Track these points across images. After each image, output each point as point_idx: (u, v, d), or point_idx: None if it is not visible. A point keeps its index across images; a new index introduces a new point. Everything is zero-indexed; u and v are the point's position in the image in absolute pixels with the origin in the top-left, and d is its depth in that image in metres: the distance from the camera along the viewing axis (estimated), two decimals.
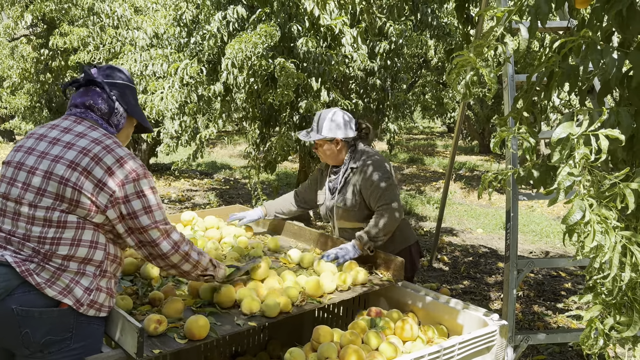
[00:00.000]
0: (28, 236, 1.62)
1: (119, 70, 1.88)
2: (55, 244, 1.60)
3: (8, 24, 8.54)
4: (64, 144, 1.68)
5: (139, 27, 6.36)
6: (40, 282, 1.57)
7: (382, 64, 5.31)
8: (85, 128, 1.73)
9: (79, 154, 1.65)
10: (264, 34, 4.11)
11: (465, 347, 1.91)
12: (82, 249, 1.63)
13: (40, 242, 1.61)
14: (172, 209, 7.55)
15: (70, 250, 1.61)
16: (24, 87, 10.06)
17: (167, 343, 1.70)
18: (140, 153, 10.15)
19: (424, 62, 9.56)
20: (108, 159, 1.65)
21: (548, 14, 1.59)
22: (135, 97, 1.90)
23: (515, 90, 2.72)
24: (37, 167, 1.65)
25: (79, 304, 1.61)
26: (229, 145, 15.60)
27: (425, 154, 14.23)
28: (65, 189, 1.61)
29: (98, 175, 1.63)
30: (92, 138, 1.69)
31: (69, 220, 1.62)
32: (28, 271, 1.57)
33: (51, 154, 1.66)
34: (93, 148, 1.66)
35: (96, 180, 1.63)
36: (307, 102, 4.52)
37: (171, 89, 4.87)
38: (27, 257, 1.60)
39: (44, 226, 1.61)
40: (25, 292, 1.56)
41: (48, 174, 1.63)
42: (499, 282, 4.88)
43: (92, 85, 1.80)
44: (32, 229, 1.62)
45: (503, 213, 7.37)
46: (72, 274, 1.62)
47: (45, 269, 1.59)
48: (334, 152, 2.68)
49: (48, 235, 1.61)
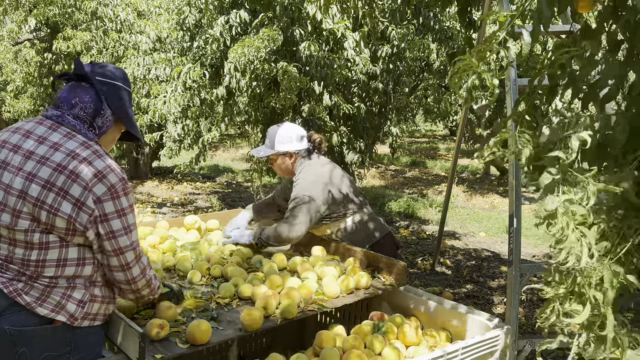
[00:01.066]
0: (11, 257, 1.51)
1: (117, 70, 1.73)
2: (40, 267, 1.50)
3: (12, 28, 8.58)
4: (37, 158, 1.52)
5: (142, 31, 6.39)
6: (30, 301, 1.49)
7: (385, 67, 5.33)
8: (61, 137, 1.56)
9: (53, 172, 1.49)
10: (266, 38, 4.12)
11: (469, 351, 1.90)
12: (69, 269, 1.53)
13: (24, 264, 1.50)
14: (174, 212, 7.56)
15: (56, 272, 1.52)
16: (28, 91, 10.11)
17: (169, 348, 1.70)
18: (143, 156, 10.18)
19: (426, 66, 9.57)
20: (85, 175, 1.50)
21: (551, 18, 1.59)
22: (129, 102, 1.75)
23: (517, 93, 2.72)
24: (11, 185, 1.51)
25: (73, 319, 1.54)
26: (231, 149, 15.62)
27: (427, 157, 14.22)
28: (40, 212, 1.48)
29: (76, 194, 1.49)
30: (68, 150, 1.53)
31: (51, 240, 1.51)
32: (16, 291, 1.49)
33: (24, 170, 1.51)
34: (69, 163, 1.50)
35: (74, 200, 1.49)
36: (310, 106, 4.52)
37: (174, 92, 4.88)
38: (13, 277, 1.51)
39: (26, 248, 1.50)
40: (15, 312, 1.49)
41: (23, 194, 1.49)
42: (501, 286, 4.87)
43: (82, 81, 1.65)
44: (15, 251, 1.51)
45: (506, 217, 7.36)
46: (63, 289, 1.53)
47: (34, 287, 1.50)
48: (288, 166, 2.72)
49: (31, 257, 1.50)
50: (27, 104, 10.26)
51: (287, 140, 2.66)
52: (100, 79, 1.66)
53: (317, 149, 2.78)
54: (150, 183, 9.94)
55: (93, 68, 1.69)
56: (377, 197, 8.61)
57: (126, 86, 1.74)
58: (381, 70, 5.32)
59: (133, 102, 5.79)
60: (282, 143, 2.66)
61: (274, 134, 2.68)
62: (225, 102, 5.01)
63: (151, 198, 8.57)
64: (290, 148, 2.67)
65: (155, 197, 8.65)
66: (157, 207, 7.79)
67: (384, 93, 5.57)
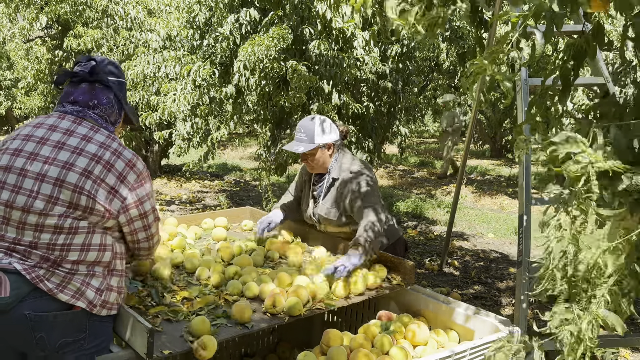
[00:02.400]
0: (35, 244, 1.58)
1: (115, 66, 1.85)
2: (65, 250, 1.60)
3: (23, 26, 8.64)
4: (71, 149, 1.64)
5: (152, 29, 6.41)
6: (52, 287, 1.57)
7: (394, 67, 5.31)
8: (88, 130, 1.70)
9: (90, 161, 1.63)
10: (276, 37, 4.12)
11: (477, 352, 1.90)
12: (91, 253, 1.64)
13: (49, 248, 1.59)
14: (182, 210, 7.59)
15: (80, 256, 1.61)
16: (38, 88, 10.18)
17: (176, 343, 1.70)
18: (152, 154, 10.22)
19: (435, 66, 9.53)
20: (119, 165, 1.67)
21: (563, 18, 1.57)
22: (125, 92, 1.89)
23: (528, 94, 2.70)
24: (45, 174, 1.60)
25: (92, 306, 1.63)
26: (240, 147, 15.65)
27: (435, 158, 14.16)
28: (80, 197, 1.60)
29: (111, 182, 1.65)
30: (100, 142, 1.68)
31: (80, 226, 1.62)
32: (38, 277, 1.56)
33: (59, 159, 1.62)
34: (103, 154, 1.66)
35: (109, 187, 1.65)
36: (319, 105, 4.52)
37: (183, 90, 4.89)
38: (35, 264, 1.57)
39: (54, 233, 1.59)
40: (36, 298, 1.56)
41: (59, 182, 1.59)
42: (510, 288, 4.84)
43: (97, 82, 1.76)
44: (41, 237, 1.59)
45: (514, 218, 7.32)
46: (82, 277, 1.62)
47: (55, 274, 1.58)
48: (325, 158, 2.64)
49: (58, 241, 1.59)
50: (38, 101, 10.33)
51: (326, 131, 2.60)
52: (113, 78, 1.81)
53: (344, 140, 2.77)
54: (159, 181, 9.98)
55: (102, 67, 1.79)
56: (385, 197, 8.59)
57: (124, 79, 1.88)
58: (390, 70, 5.30)
59: (143, 99, 5.85)
60: (321, 135, 2.58)
61: (311, 127, 2.58)
62: (234, 101, 5.02)
63: (160, 196, 8.61)
64: (329, 140, 2.60)
65: (164, 195, 8.68)
66: (165, 205, 7.82)
67: (393, 92, 5.55)
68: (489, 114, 13.05)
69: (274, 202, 5.26)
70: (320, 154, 2.61)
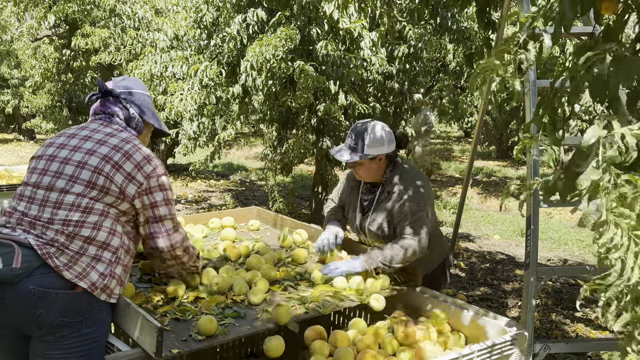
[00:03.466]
0: (52, 219, 1.72)
1: (132, 81, 2.07)
2: (79, 226, 1.71)
3: (31, 25, 8.68)
4: (96, 141, 1.85)
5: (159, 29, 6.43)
6: (59, 264, 1.65)
7: (401, 67, 5.30)
8: (113, 130, 1.92)
9: (111, 150, 1.82)
10: (284, 37, 4.12)
11: (484, 354, 1.89)
12: (102, 233, 1.75)
13: (64, 224, 1.71)
14: (188, 209, 7.61)
15: (92, 233, 1.73)
16: (46, 86, 10.23)
17: (185, 343, 1.71)
18: (158, 153, 10.24)
19: (442, 66, 9.50)
20: (137, 156, 1.84)
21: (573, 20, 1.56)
22: (150, 103, 2.08)
23: (537, 95, 2.69)
24: (70, 158, 1.81)
25: (94, 287, 1.69)
26: (245, 147, 15.67)
27: (441, 159, 14.14)
28: (99, 177, 1.77)
29: (128, 169, 1.81)
30: (121, 138, 1.88)
31: (95, 208, 1.76)
32: (49, 254, 1.65)
33: (84, 147, 1.83)
34: (123, 146, 1.85)
35: (126, 174, 1.80)
36: (325, 105, 4.52)
37: (190, 90, 4.91)
38: (48, 241, 1.68)
39: (71, 210, 1.73)
40: (44, 274, 1.63)
41: (82, 164, 1.79)
42: (516, 290, 4.83)
43: (108, 96, 1.98)
44: (58, 213, 1.73)
45: (520, 220, 7.29)
46: (89, 259, 1.71)
47: (65, 253, 1.68)
48: (376, 170, 2.47)
49: (73, 218, 1.72)
50: (45, 100, 10.38)
51: (378, 143, 2.39)
52: (123, 91, 2.00)
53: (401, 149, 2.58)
54: None
55: (114, 84, 2.02)
56: None
57: (144, 91, 2.07)
58: (397, 70, 5.30)
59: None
60: (373, 146, 2.38)
61: (362, 134, 2.39)
62: (240, 101, 5.03)
63: None
64: (381, 151, 2.40)
65: None
66: None
67: (399, 93, 5.55)
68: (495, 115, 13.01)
69: (280, 201, 5.26)
70: (369, 165, 2.44)
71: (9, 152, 14.01)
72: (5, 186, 4.67)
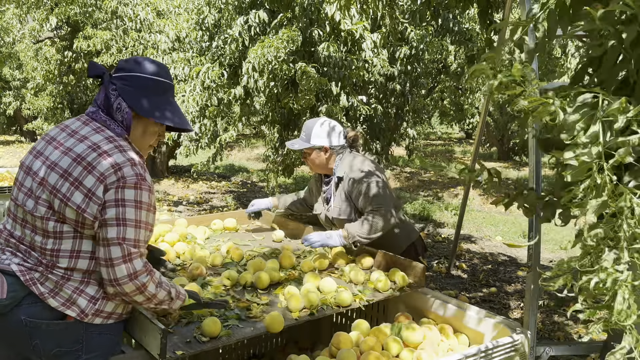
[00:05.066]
0: (33, 244, 1.57)
1: (133, 59, 1.69)
2: (55, 256, 1.53)
3: (33, 27, 8.71)
4: (63, 150, 1.57)
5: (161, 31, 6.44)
6: (44, 291, 1.52)
7: (402, 69, 5.31)
8: (90, 130, 1.61)
9: (72, 162, 1.54)
10: (286, 39, 4.13)
11: (487, 356, 1.89)
12: (82, 261, 1.54)
13: (42, 252, 1.55)
14: (190, 210, 7.61)
15: (70, 263, 1.53)
16: (47, 88, 10.26)
17: (189, 344, 1.71)
18: (160, 155, 10.26)
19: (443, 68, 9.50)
20: (102, 166, 1.52)
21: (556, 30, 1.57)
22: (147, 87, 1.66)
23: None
24: (37, 172, 1.58)
25: (83, 315, 1.55)
26: (247, 148, 15.68)
27: (443, 160, 14.14)
28: (55, 200, 1.52)
29: (89, 184, 1.51)
30: (91, 143, 1.57)
31: (65, 230, 1.53)
32: (32, 280, 1.52)
33: (50, 159, 1.58)
34: (88, 155, 1.54)
35: (86, 190, 1.51)
36: (327, 107, 4.53)
37: (192, 92, 4.92)
38: (32, 266, 1.54)
39: (44, 236, 1.55)
40: (31, 304, 1.53)
41: (43, 182, 1.55)
42: (518, 291, 4.82)
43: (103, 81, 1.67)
44: (35, 238, 1.56)
45: (522, 221, 7.29)
46: (77, 283, 1.55)
47: (49, 279, 1.53)
48: (322, 161, 2.68)
49: (47, 246, 1.53)
50: (47, 102, 10.41)
51: (324, 134, 2.64)
52: (115, 74, 1.66)
53: (353, 147, 2.77)
54: (167, 182, 10.02)
55: (121, 64, 1.69)
56: None
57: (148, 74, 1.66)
58: (399, 72, 5.31)
59: None
60: (318, 137, 2.64)
61: (311, 127, 2.65)
62: (242, 102, 5.04)
63: (167, 196, 8.64)
64: (325, 143, 2.64)
65: (172, 196, 8.71)
66: (173, 206, 7.85)
67: (401, 94, 5.55)
68: (497, 116, 13.01)
69: None
70: (315, 155, 2.67)
71: (11, 153, 14.03)
72: (8, 188, 4.69)
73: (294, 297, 2.02)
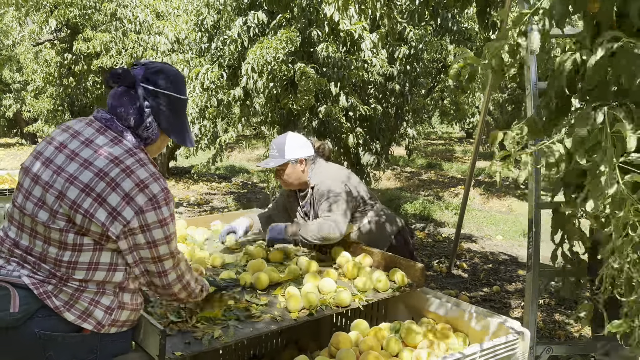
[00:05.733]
0: (45, 256, 1.51)
1: (167, 75, 1.63)
2: (71, 268, 1.50)
3: (33, 29, 8.72)
4: (81, 162, 1.51)
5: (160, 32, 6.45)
6: (59, 304, 1.49)
7: (402, 69, 5.31)
8: (107, 141, 1.55)
9: (94, 177, 1.48)
10: (285, 40, 4.13)
11: (486, 355, 1.89)
12: (99, 273, 1.53)
13: (56, 264, 1.50)
14: (191, 212, 7.62)
15: (87, 275, 1.51)
16: (47, 91, 10.27)
17: (188, 346, 1.71)
18: (160, 156, 10.27)
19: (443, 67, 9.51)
20: (126, 184, 1.49)
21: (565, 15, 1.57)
22: (178, 109, 1.67)
23: (538, 97, 2.69)
24: (52, 184, 1.50)
25: (100, 326, 1.54)
26: (247, 149, 15.69)
27: (443, 160, 14.14)
28: (76, 215, 1.47)
29: (113, 203, 1.48)
30: (113, 157, 1.51)
31: (85, 243, 1.50)
32: (46, 293, 1.49)
33: (67, 171, 1.51)
34: (111, 170, 1.49)
35: (110, 209, 1.47)
36: (326, 107, 4.53)
37: (192, 93, 4.92)
38: (44, 278, 1.51)
39: (60, 248, 1.50)
40: (46, 317, 1.50)
41: (61, 196, 1.49)
42: (519, 290, 4.82)
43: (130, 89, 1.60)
44: (49, 250, 1.51)
45: (523, 220, 7.28)
46: (92, 294, 1.53)
47: (63, 291, 1.50)
48: (298, 174, 2.66)
49: (64, 258, 1.50)
50: (47, 104, 10.42)
51: (296, 147, 2.63)
52: (149, 87, 1.61)
53: (322, 156, 2.78)
54: (167, 183, 10.03)
55: (146, 73, 1.61)
56: (393, 199, 8.58)
57: (177, 94, 1.66)
58: (398, 72, 5.31)
59: None
60: (292, 151, 2.62)
61: (282, 143, 2.64)
62: (242, 103, 5.04)
63: None
64: (301, 154, 2.63)
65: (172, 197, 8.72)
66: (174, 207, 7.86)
67: (400, 94, 5.55)
68: (497, 115, 13.00)
69: None
70: (291, 170, 2.64)
71: (12, 156, 14.05)
72: (8, 190, 4.70)
73: (293, 298, 2.02)
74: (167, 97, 1.63)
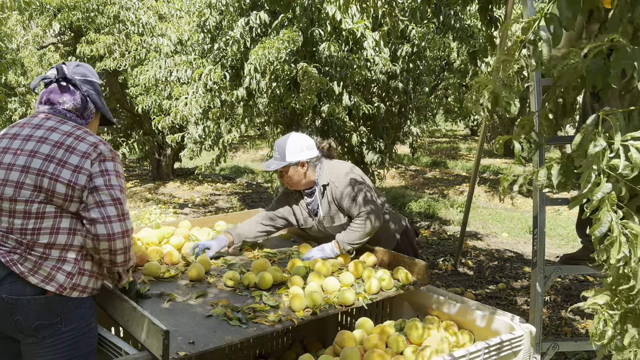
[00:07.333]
0: (11, 229, 1.71)
1: (85, 67, 1.97)
2: (35, 234, 1.70)
3: (37, 33, 8.75)
4: (37, 139, 1.76)
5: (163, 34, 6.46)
6: (24, 270, 1.68)
7: (405, 67, 5.29)
8: (55, 122, 1.82)
9: (53, 147, 1.74)
10: (287, 39, 4.13)
11: (492, 352, 1.89)
12: (61, 237, 1.72)
13: (22, 233, 1.70)
14: (196, 212, 7.63)
15: (50, 239, 1.71)
16: None
17: (192, 345, 1.71)
18: (165, 158, 10.29)
19: (446, 65, 9.48)
20: (82, 147, 1.76)
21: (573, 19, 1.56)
22: (100, 92, 1.99)
23: (542, 94, 2.68)
24: (14, 163, 1.73)
25: (62, 289, 1.71)
26: (251, 150, 15.69)
27: (448, 157, 14.10)
28: (43, 179, 1.70)
29: (74, 162, 1.73)
30: (64, 131, 1.79)
31: (47, 211, 1.71)
32: (12, 261, 1.68)
33: (26, 149, 1.75)
34: (65, 140, 1.76)
35: (73, 167, 1.72)
36: (329, 106, 4.52)
37: (195, 94, 4.92)
38: (10, 249, 1.70)
39: (24, 218, 1.71)
40: (12, 282, 1.67)
41: (25, 168, 1.72)
42: (525, 287, 4.80)
43: (66, 83, 1.90)
44: (14, 222, 1.71)
45: (528, 217, 7.25)
46: (54, 262, 1.72)
47: (28, 259, 1.69)
48: (300, 176, 2.65)
49: (28, 226, 1.70)
50: None
51: (297, 149, 2.62)
52: (82, 78, 1.93)
53: (328, 156, 2.77)
54: (172, 184, 10.05)
55: (71, 69, 1.92)
56: (397, 198, 8.56)
57: (98, 80, 2.00)
58: (401, 70, 5.29)
59: (155, 104, 5.90)
60: (293, 153, 2.61)
61: (283, 145, 2.63)
62: (245, 103, 5.04)
63: (173, 199, 8.67)
64: (301, 157, 2.62)
65: (177, 198, 8.74)
66: (179, 208, 7.87)
67: (404, 92, 5.54)
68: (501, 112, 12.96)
69: None
70: (293, 172, 2.64)
71: None
72: None
73: (297, 297, 2.02)
74: (90, 82, 1.96)
